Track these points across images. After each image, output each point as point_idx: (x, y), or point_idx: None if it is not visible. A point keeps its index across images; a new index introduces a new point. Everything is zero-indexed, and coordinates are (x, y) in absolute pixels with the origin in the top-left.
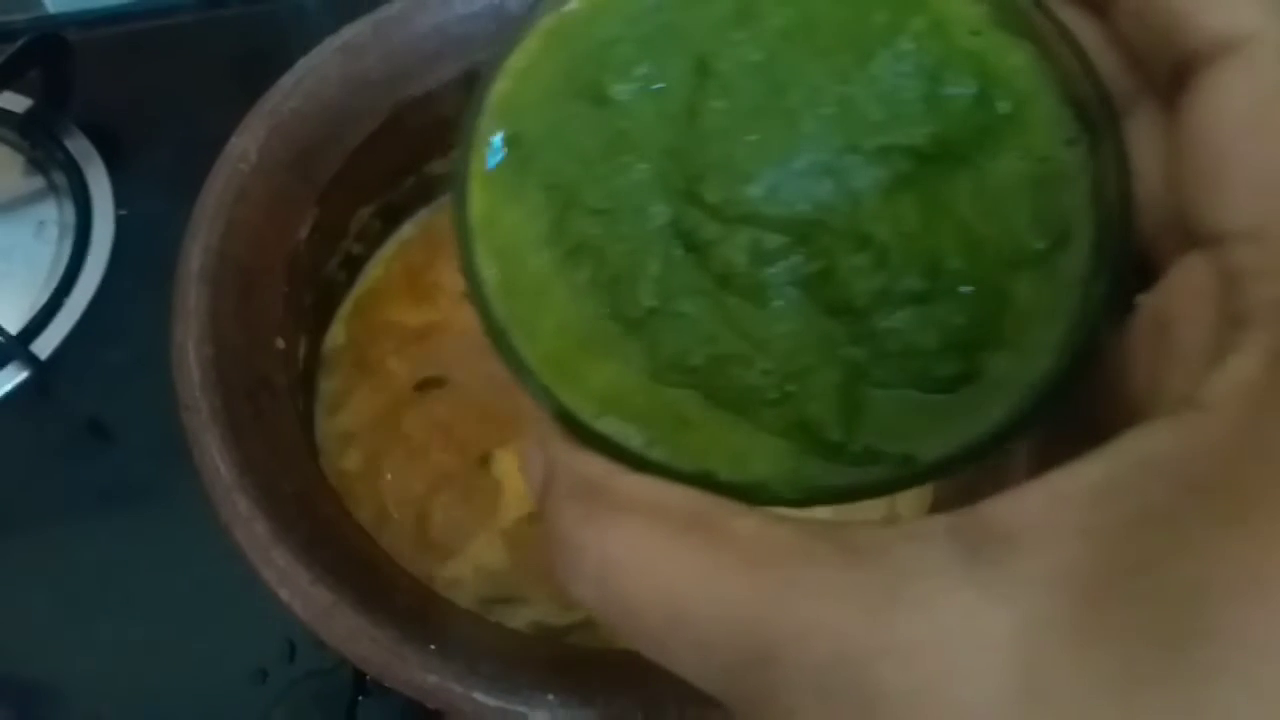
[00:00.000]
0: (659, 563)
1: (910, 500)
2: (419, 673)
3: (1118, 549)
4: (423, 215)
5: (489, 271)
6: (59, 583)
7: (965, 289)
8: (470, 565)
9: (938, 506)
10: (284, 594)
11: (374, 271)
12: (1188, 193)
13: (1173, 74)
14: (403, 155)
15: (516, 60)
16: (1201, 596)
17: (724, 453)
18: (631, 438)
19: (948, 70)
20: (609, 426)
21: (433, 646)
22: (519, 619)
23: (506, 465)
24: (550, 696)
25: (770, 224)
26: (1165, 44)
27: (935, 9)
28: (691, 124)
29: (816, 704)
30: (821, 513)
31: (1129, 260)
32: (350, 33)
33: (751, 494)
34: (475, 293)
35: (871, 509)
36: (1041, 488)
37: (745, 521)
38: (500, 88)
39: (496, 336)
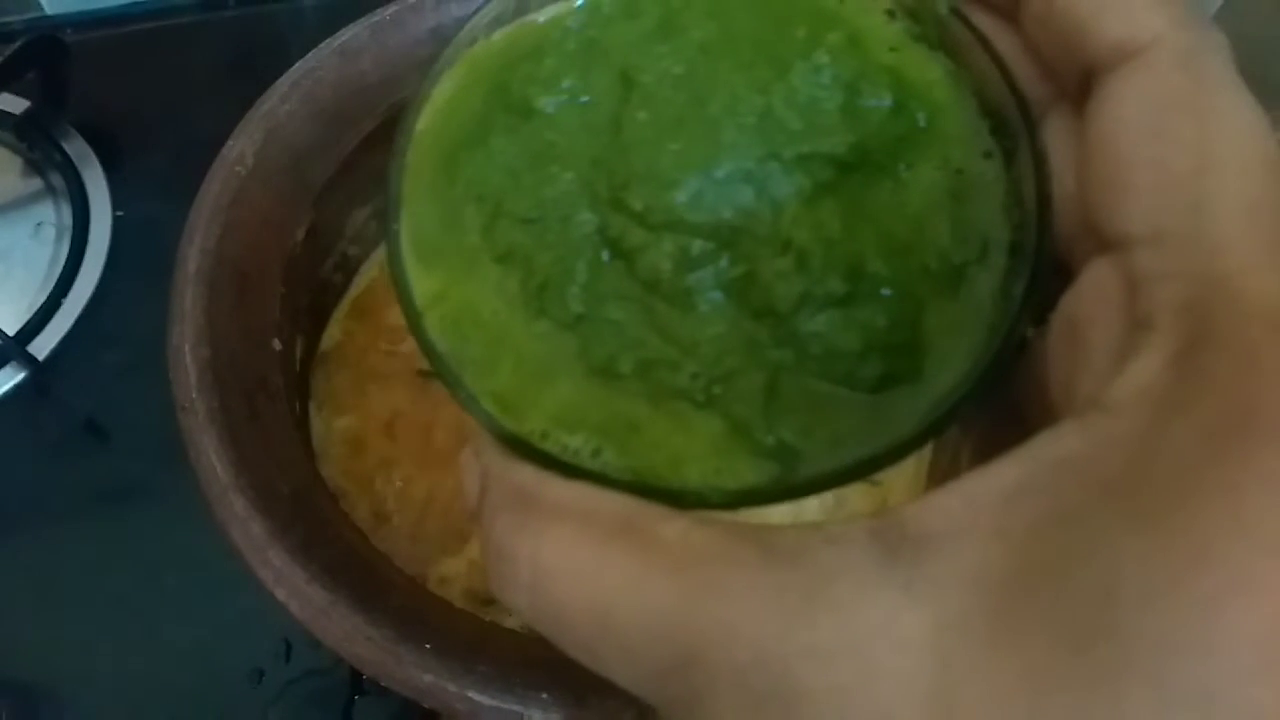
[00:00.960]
0: (588, 569)
1: (901, 492)
2: (415, 672)
3: (1030, 550)
4: None
5: (428, 298)
6: (55, 582)
7: (886, 292)
8: (465, 563)
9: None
10: (280, 594)
11: (370, 272)
12: (1093, 197)
13: (1079, 80)
14: None
15: (442, 87)
16: (1108, 597)
17: (663, 457)
18: (580, 449)
19: (865, 82)
20: (555, 443)
21: (428, 646)
22: (513, 618)
23: None
24: (544, 695)
25: (694, 230)
26: (1070, 51)
27: (852, 24)
28: (616, 134)
29: (739, 706)
30: (811, 508)
31: (1048, 264)
32: (347, 36)
33: (681, 498)
34: (411, 319)
35: (860, 503)
36: (957, 490)
37: (672, 526)
38: (428, 113)
39: (434, 360)
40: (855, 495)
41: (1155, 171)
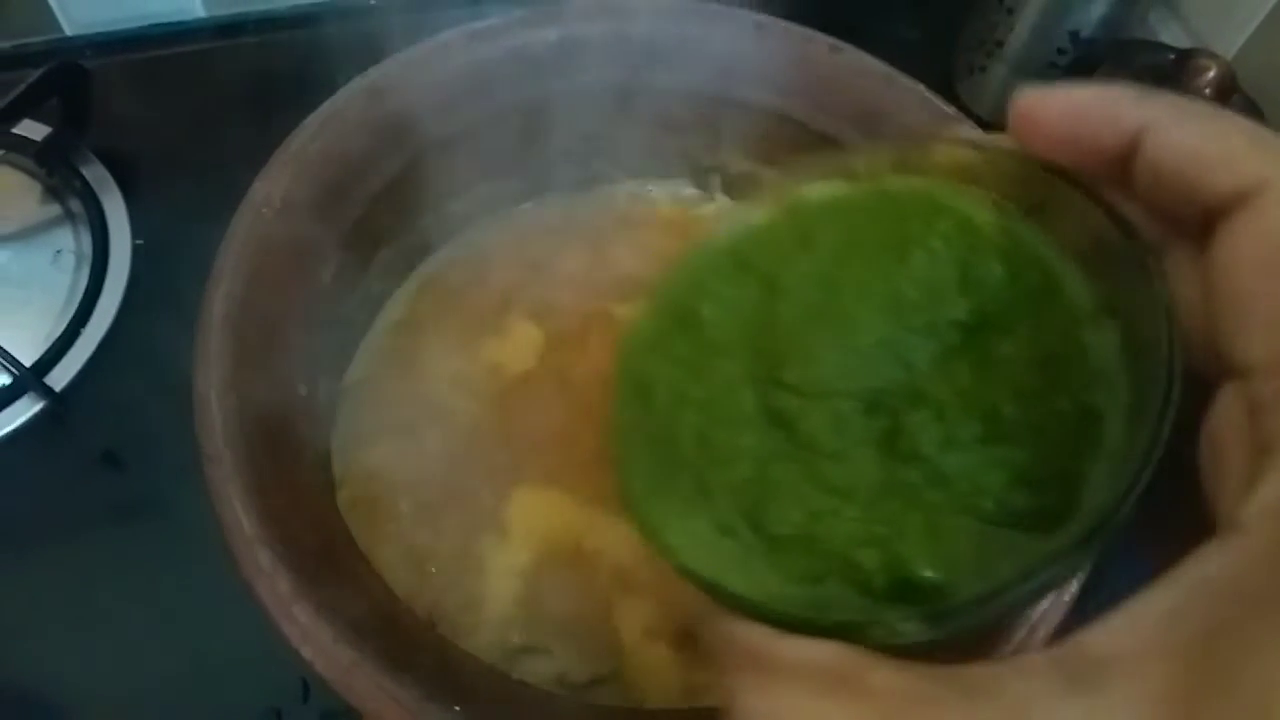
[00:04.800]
0: None
1: None
2: None
3: (1197, 664)
4: (444, 253)
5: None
6: (72, 615)
7: (1022, 432)
8: (493, 611)
9: None
10: (306, 652)
11: (394, 309)
12: (1217, 329)
13: (1199, 226)
14: (424, 194)
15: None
16: (1272, 692)
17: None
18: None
19: (976, 256)
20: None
21: (457, 708)
22: (542, 671)
23: (520, 506)
24: None
25: (843, 395)
26: (1185, 205)
27: (960, 212)
28: (769, 327)
29: None
30: None
31: (1176, 399)
32: (375, 75)
33: (868, 635)
34: (625, 499)
35: None
36: (1124, 616)
37: (879, 675)
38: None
39: (624, 495)
40: None
41: (1272, 305)
